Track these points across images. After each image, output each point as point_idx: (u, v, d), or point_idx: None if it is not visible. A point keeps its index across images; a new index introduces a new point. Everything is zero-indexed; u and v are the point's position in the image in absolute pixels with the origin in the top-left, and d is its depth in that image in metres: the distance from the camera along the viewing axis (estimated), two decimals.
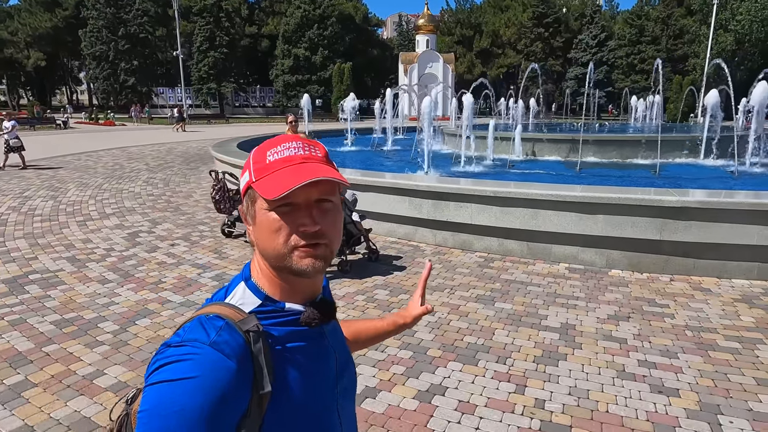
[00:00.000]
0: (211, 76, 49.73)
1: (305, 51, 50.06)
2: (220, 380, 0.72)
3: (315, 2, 50.47)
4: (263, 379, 0.76)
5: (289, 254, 0.81)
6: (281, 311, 0.85)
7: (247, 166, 0.86)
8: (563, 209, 5.72)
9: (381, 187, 6.84)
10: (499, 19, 60.54)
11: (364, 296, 4.99)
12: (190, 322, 0.80)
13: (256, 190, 0.82)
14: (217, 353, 0.73)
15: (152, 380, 0.73)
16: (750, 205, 5.13)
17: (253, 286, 0.86)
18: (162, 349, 0.76)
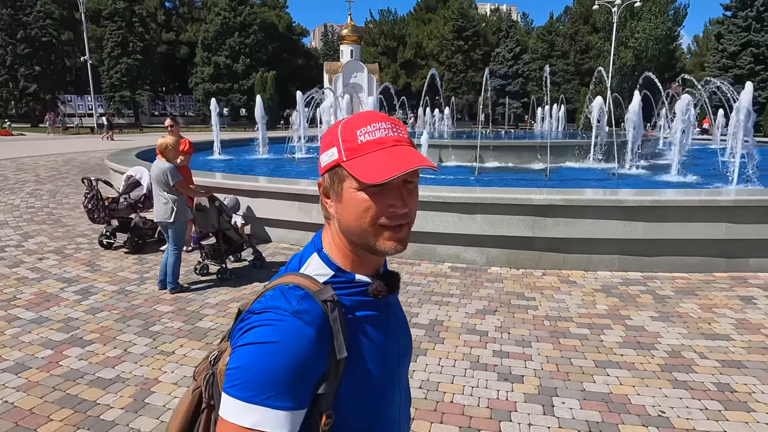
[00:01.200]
0: (124, 83, 47.06)
1: (226, 59, 48.71)
2: (301, 346, 0.77)
3: (236, 10, 49.29)
4: (339, 346, 0.81)
5: (374, 234, 0.85)
6: (351, 282, 0.89)
7: (334, 143, 0.86)
8: (444, 210, 5.87)
9: (271, 192, 6.71)
10: (421, 32, 62.09)
11: (239, 303, 4.83)
12: (271, 290, 0.85)
13: (350, 171, 0.83)
14: (298, 321, 0.78)
15: (240, 342, 0.79)
16: (608, 201, 5.52)
17: (325, 258, 0.90)
18: (246, 316, 0.82)
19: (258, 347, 0.77)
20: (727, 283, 5.41)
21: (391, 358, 0.94)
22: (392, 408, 0.96)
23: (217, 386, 0.87)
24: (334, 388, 0.82)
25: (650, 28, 50.58)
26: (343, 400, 0.84)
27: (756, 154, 8.53)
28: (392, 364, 0.94)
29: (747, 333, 4.22)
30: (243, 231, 5.70)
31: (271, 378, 0.75)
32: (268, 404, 0.75)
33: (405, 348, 1.01)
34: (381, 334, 0.91)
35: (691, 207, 5.45)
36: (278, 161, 13.85)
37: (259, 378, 0.75)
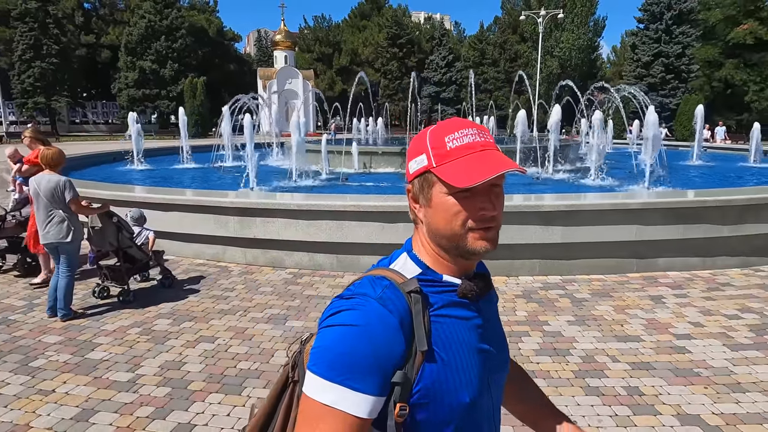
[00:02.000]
0: (39, 88, 43.83)
1: (152, 63, 46.51)
2: (383, 332, 0.80)
3: (161, 13, 47.21)
4: (420, 338, 0.82)
5: (464, 236, 0.86)
6: (439, 282, 0.90)
7: (423, 150, 0.90)
8: (366, 219, 5.70)
9: (183, 205, 6.28)
10: (357, 38, 62.27)
11: (140, 329, 4.42)
12: (359, 280, 0.89)
13: (440, 176, 0.86)
14: (382, 308, 0.81)
15: (326, 324, 0.83)
16: (528, 207, 5.57)
17: (414, 257, 0.93)
18: (334, 301, 0.86)
19: (341, 329, 0.80)
20: (639, 284, 5.59)
21: (476, 362, 0.91)
22: (480, 416, 0.93)
23: (302, 363, 0.91)
24: (411, 380, 0.82)
25: (573, 39, 53.38)
26: (421, 395, 0.84)
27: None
28: (479, 371, 0.91)
29: (656, 333, 4.33)
30: (151, 247, 5.26)
31: (351, 359, 0.78)
32: (347, 384, 0.78)
33: (499, 360, 0.98)
34: (469, 338, 0.90)
35: (603, 210, 5.59)
36: (203, 170, 13.23)
37: (340, 359, 0.78)
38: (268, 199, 6.04)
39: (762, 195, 5.96)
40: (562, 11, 46.45)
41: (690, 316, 4.68)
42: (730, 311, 4.80)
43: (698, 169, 12.88)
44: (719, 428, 2.99)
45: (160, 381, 3.52)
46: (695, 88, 41.83)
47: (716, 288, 5.44)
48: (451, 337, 0.88)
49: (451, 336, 0.88)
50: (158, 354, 3.93)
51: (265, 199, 6.04)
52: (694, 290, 5.38)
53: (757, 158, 13.06)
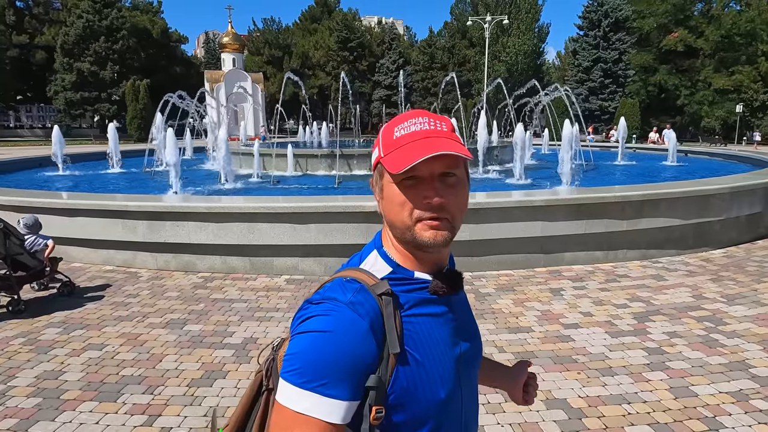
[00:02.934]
0: None
1: (91, 65, 44.58)
2: (353, 336, 0.80)
3: (101, 13, 45.32)
4: (392, 341, 0.82)
5: (412, 226, 0.85)
6: (410, 279, 0.89)
7: (377, 143, 0.91)
8: (278, 221, 5.67)
9: (89, 210, 6.05)
10: (307, 42, 61.86)
11: (25, 339, 4.22)
12: (330, 282, 0.89)
13: (383, 165, 0.87)
14: (352, 312, 0.81)
15: (298, 330, 0.83)
16: None
17: (384, 255, 0.92)
18: (305, 305, 0.86)
19: (313, 335, 0.80)
20: (544, 277, 5.81)
21: (449, 359, 0.91)
22: (454, 412, 0.93)
23: (276, 371, 0.91)
24: (385, 383, 0.82)
25: (519, 44, 55.01)
26: (396, 396, 0.84)
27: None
28: (450, 364, 0.91)
29: (547, 324, 4.51)
30: (48, 255, 5.03)
31: (324, 366, 0.78)
32: (319, 391, 0.78)
33: (471, 351, 0.99)
34: (441, 334, 0.90)
35: (509, 208, 5.79)
36: (133, 175, 12.80)
37: (312, 365, 0.78)
38: (177, 202, 5.92)
39: (657, 191, 6.33)
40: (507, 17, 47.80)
41: (582, 307, 4.91)
42: (621, 301, 5.06)
43: (621, 168, 13.52)
44: (581, 410, 3.15)
45: (32, 392, 3.38)
46: (632, 92, 43.91)
47: (613, 279, 5.72)
48: (423, 335, 0.87)
49: (423, 335, 0.87)
50: (38, 364, 3.77)
51: (174, 202, 5.91)
52: (592, 282, 5.64)
53: (673, 159, 13.86)
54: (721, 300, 5.06)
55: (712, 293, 5.25)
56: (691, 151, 17.80)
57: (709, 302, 5.01)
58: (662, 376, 3.56)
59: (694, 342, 4.11)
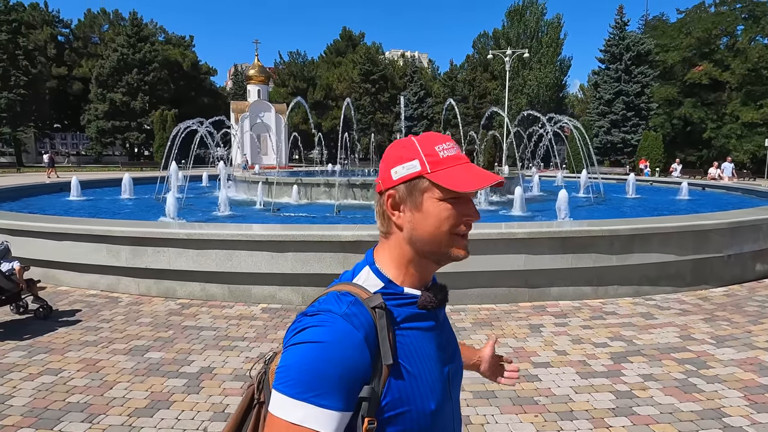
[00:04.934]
0: (4, 119, 43.31)
1: (123, 96, 46.54)
2: (349, 348, 0.81)
3: (135, 46, 47.58)
4: (386, 352, 0.84)
5: (448, 242, 0.92)
6: (401, 294, 0.93)
7: (414, 156, 0.92)
8: (256, 248, 5.66)
9: (75, 234, 6.16)
10: (331, 74, 63.41)
11: None
12: (324, 296, 0.92)
13: (437, 181, 0.90)
14: (348, 324, 0.83)
15: (292, 342, 0.84)
16: None
17: (377, 271, 0.95)
18: (299, 318, 0.88)
19: (308, 346, 0.81)
20: (526, 313, 5.61)
21: (438, 373, 0.94)
22: (445, 421, 0.96)
23: (268, 384, 0.91)
24: (378, 394, 0.84)
25: (540, 77, 55.23)
26: (387, 408, 0.85)
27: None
28: (442, 379, 0.95)
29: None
30: (21, 277, 5.11)
31: (318, 376, 0.79)
32: (314, 402, 0.79)
33: (456, 367, 1.03)
34: (430, 348, 0.94)
35: (490, 239, 5.65)
36: (142, 201, 13.08)
37: (307, 376, 0.79)
38: (157, 228, 5.97)
39: (647, 225, 6.11)
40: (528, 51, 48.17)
41: (559, 345, 4.69)
42: (601, 339, 4.83)
43: (630, 201, 13.20)
44: None
45: None
46: (656, 126, 43.31)
47: (599, 317, 5.49)
48: (414, 349, 0.90)
49: (414, 348, 0.90)
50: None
51: (155, 228, 5.97)
52: (576, 319, 5.41)
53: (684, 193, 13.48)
54: (710, 341, 4.78)
55: (702, 334, 4.97)
56: (709, 185, 17.30)
57: (696, 343, 4.73)
58: (625, 423, 3.34)
59: (670, 386, 3.86)
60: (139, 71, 47.37)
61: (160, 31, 58.78)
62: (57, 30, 55.57)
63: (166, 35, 59.38)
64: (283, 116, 51.80)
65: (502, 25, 59.44)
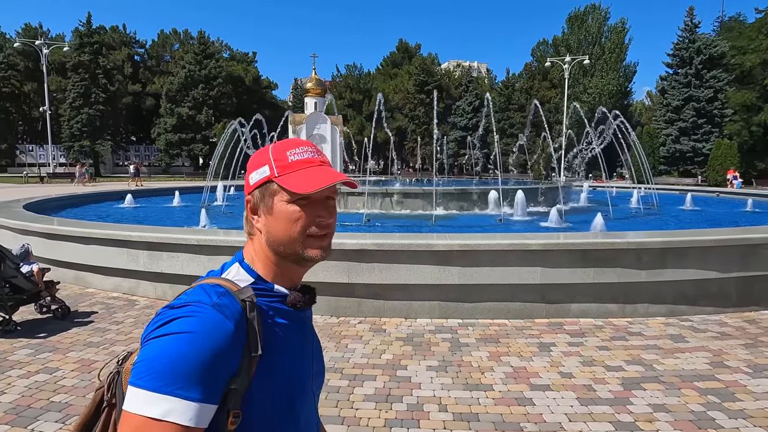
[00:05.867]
0: (85, 133, 46.93)
1: (189, 110, 49.17)
2: (219, 338, 0.79)
3: (201, 63, 50.26)
4: (255, 343, 0.84)
5: (302, 243, 0.93)
6: (270, 291, 0.94)
7: (265, 162, 0.95)
8: None
9: (98, 238, 6.42)
10: (387, 86, 64.02)
11: None
12: (191, 288, 0.89)
13: (282, 184, 0.93)
14: (218, 314, 0.82)
15: (155, 334, 0.80)
16: (420, 246, 5.38)
17: (247, 267, 0.96)
18: (163, 311, 0.84)
19: (174, 337, 0.78)
20: (540, 330, 5.22)
21: (305, 370, 0.97)
22: (307, 421, 0.98)
23: (121, 385, 0.89)
24: (245, 386, 0.83)
25: (602, 84, 53.04)
26: (253, 401, 0.85)
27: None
28: (305, 375, 0.97)
29: (513, 383, 4.00)
30: (39, 279, 5.37)
31: (186, 367, 0.76)
32: (178, 394, 0.75)
33: (318, 367, 1.05)
34: (295, 344, 0.95)
35: (502, 251, 5.33)
36: (188, 209, 13.61)
37: (173, 367, 0.75)
38: (171, 234, 6.11)
39: (681, 238, 5.56)
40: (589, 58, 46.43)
41: (566, 366, 4.31)
42: (616, 362, 4.39)
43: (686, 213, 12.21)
44: None
45: None
46: (732, 133, 40.25)
47: (621, 337, 5.01)
48: (282, 343, 0.91)
49: (282, 342, 0.91)
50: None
51: (168, 234, 6.11)
52: (594, 338, 4.97)
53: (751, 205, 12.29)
54: (745, 370, 4.23)
55: (737, 361, 4.41)
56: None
57: (728, 372, 4.20)
58: None
59: (682, 419, 3.42)
60: (204, 86, 49.93)
61: (225, 48, 61.78)
62: (134, 50, 59.78)
63: (231, 52, 62.33)
64: (339, 127, 52.79)
65: (562, 32, 57.76)
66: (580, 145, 19.63)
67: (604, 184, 24.45)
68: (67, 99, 47.18)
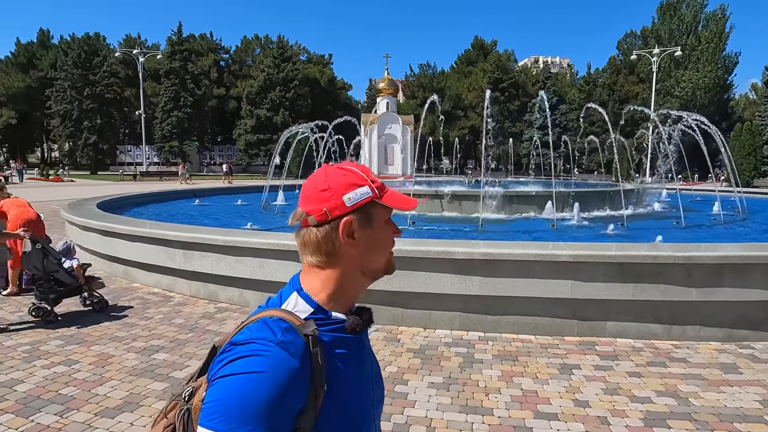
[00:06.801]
0: (174, 134, 50.54)
1: (267, 112, 51.39)
2: (286, 377, 0.79)
3: (279, 66, 52.35)
4: (321, 379, 0.84)
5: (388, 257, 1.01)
6: (329, 319, 0.93)
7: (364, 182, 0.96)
8: (283, 258, 5.65)
9: (142, 236, 6.77)
10: (462, 84, 63.09)
11: (30, 347, 4.78)
12: (254, 323, 0.87)
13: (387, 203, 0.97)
14: (284, 352, 0.81)
15: (223, 373, 0.80)
16: (438, 254, 5.12)
17: (305, 296, 0.94)
18: (229, 347, 0.84)
19: (243, 377, 0.78)
20: (567, 349, 4.78)
21: (367, 397, 0.97)
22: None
23: (192, 423, 0.88)
24: (312, 422, 0.84)
25: (696, 77, 48.82)
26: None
27: None
28: (368, 403, 0.97)
29: (517, 408, 3.66)
30: (80, 273, 5.73)
31: (255, 409, 0.76)
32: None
33: (378, 391, 1.04)
34: (357, 372, 0.95)
35: (526, 261, 4.93)
36: (247, 207, 14.12)
37: (242, 410, 0.76)
38: (202, 234, 6.28)
39: (743, 253, 4.85)
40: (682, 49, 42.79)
41: (585, 393, 3.89)
42: (645, 392, 3.90)
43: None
44: None
45: None
46: None
47: (660, 363, 4.46)
48: (345, 374, 0.91)
49: (345, 373, 0.91)
50: (11, 372, 4.21)
51: (200, 234, 6.29)
52: (627, 363, 4.46)
53: None
54: None
55: None
56: None
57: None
58: None
59: None
60: (281, 89, 51.95)
61: (302, 51, 63.86)
62: (219, 56, 63.46)
63: (308, 54, 64.30)
64: (409, 127, 52.78)
65: (652, 23, 53.77)
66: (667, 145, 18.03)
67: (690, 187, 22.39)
68: (159, 103, 51.03)
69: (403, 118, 52.45)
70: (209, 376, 0.83)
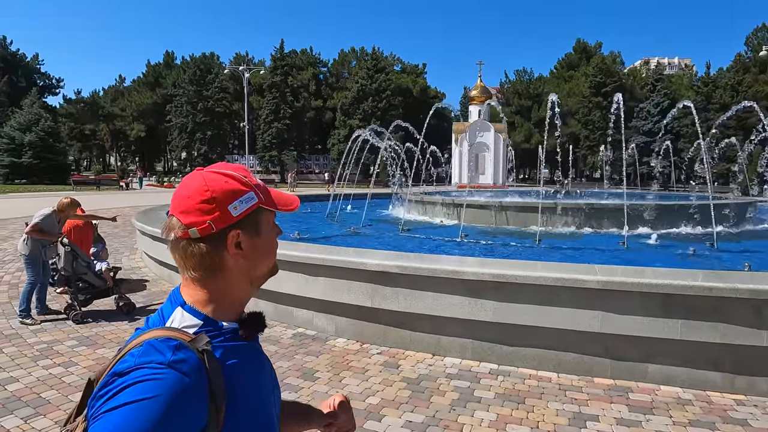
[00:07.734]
0: (274, 144, 53.52)
1: (359, 122, 52.52)
2: (182, 398, 0.74)
3: (372, 77, 53.43)
4: (220, 394, 0.80)
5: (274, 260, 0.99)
6: (220, 330, 0.88)
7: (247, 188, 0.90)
8: (291, 270, 5.43)
9: None
10: (561, 89, 59.89)
11: (46, 346, 5.00)
12: (137, 347, 0.80)
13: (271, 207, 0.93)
14: (176, 372, 0.76)
15: (108, 407, 0.73)
16: (445, 273, 4.57)
17: (191, 310, 0.88)
18: (111, 379, 0.76)
19: (134, 406, 0.71)
20: (592, 394, 3.99)
21: (268, 401, 0.94)
22: None
23: None
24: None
25: None
26: None
27: None
28: (268, 405, 0.93)
29: None
30: (108, 276, 5.96)
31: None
32: None
33: (278, 391, 1.03)
34: (257, 378, 0.91)
35: (547, 286, 4.22)
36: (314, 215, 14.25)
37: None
38: None
39: None
40: None
41: None
42: None
43: None
44: None
45: None
46: None
47: (709, 423, 3.54)
48: (244, 383, 0.86)
49: (246, 381, 0.87)
50: (11, 370, 4.39)
51: None
52: (663, 418, 3.60)
53: None
54: None
55: None
56: None
57: None
58: None
59: None
60: (373, 99, 52.92)
61: (397, 62, 64.68)
62: (318, 69, 66.28)
63: (402, 65, 64.99)
64: (503, 135, 51.03)
65: None
66: None
67: None
68: (261, 115, 54.38)
69: (496, 126, 50.86)
70: (88, 414, 0.76)
